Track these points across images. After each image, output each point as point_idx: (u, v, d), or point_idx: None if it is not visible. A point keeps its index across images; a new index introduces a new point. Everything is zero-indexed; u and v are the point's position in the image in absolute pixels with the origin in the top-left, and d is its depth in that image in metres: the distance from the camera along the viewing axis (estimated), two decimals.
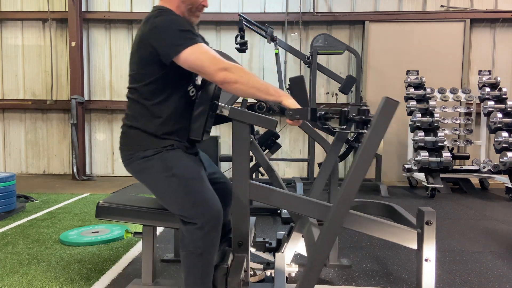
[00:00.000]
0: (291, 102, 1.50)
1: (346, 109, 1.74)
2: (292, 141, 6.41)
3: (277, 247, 2.48)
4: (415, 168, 5.11)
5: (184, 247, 1.53)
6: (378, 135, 1.45)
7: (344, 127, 1.97)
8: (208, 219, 1.50)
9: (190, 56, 1.45)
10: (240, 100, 2.58)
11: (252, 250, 2.47)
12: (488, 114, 5.16)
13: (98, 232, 3.15)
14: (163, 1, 1.67)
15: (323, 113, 1.60)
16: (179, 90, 1.62)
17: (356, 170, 1.48)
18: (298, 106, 1.51)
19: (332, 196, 2.40)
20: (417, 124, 5.07)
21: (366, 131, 1.56)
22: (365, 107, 1.78)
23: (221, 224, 1.55)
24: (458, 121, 5.59)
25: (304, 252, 2.32)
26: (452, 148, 5.48)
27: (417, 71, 5.59)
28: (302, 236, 2.26)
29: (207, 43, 1.65)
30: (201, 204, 1.52)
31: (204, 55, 1.46)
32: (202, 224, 1.49)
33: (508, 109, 5.04)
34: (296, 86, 1.92)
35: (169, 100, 1.60)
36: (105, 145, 6.52)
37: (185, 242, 1.53)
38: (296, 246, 2.28)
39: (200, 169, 1.65)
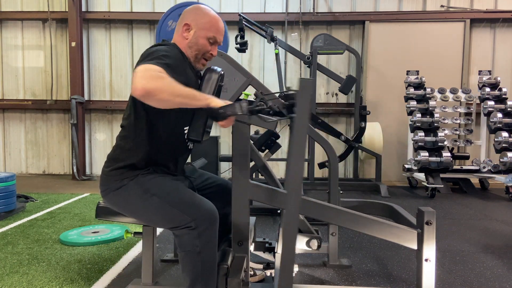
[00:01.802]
0: (219, 102, 1.39)
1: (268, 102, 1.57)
2: None
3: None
4: (415, 168, 5.12)
5: (182, 248, 1.51)
6: (304, 115, 1.34)
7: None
8: (202, 219, 1.49)
9: (136, 73, 1.31)
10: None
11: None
12: (488, 114, 5.17)
13: (98, 232, 3.15)
14: (174, 40, 1.68)
15: (257, 107, 1.40)
16: (169, 128, 1.62)
17: (294, 156, 1.36)
18: (229, 103, 1.39)
19: (332, 196, 2.40)
20: (417, 124, 5.08)
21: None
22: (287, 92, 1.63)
23: (216, 222, 1.53)
24: (458, 121, 5.59)
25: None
26: (452, 148, 5.48)
27: (417, 71, 5.60)
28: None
29: (197, 83, 1.63)
30: (190, 208, 1.50)
31: (145, 72, 1.30)
32: (197, 225, 1.48)
33: (508, 109, 5.04)
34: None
35: (158, 136, 1.60)
36: (105, 145, 6.52)
37: (182, 244, 1.51)
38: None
39: (179, 183, 1.64)
